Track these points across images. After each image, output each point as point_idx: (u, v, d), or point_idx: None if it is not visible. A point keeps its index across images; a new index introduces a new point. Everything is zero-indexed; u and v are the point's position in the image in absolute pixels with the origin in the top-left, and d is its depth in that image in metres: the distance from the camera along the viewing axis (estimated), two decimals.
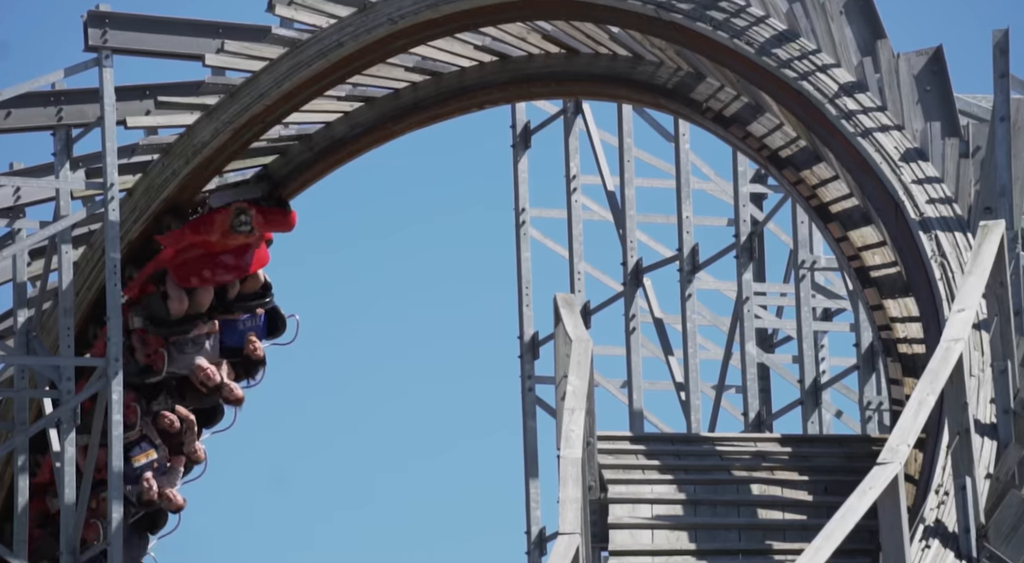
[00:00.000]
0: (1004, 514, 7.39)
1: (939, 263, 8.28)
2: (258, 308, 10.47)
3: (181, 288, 10.29)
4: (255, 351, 10.61)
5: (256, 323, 10.45)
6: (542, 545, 11.81)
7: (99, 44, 10.65)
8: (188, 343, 10.36)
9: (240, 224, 10.26)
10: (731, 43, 9.08)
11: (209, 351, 10.39)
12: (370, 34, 10.26)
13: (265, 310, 10.49)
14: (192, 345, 10.34)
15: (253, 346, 10.62)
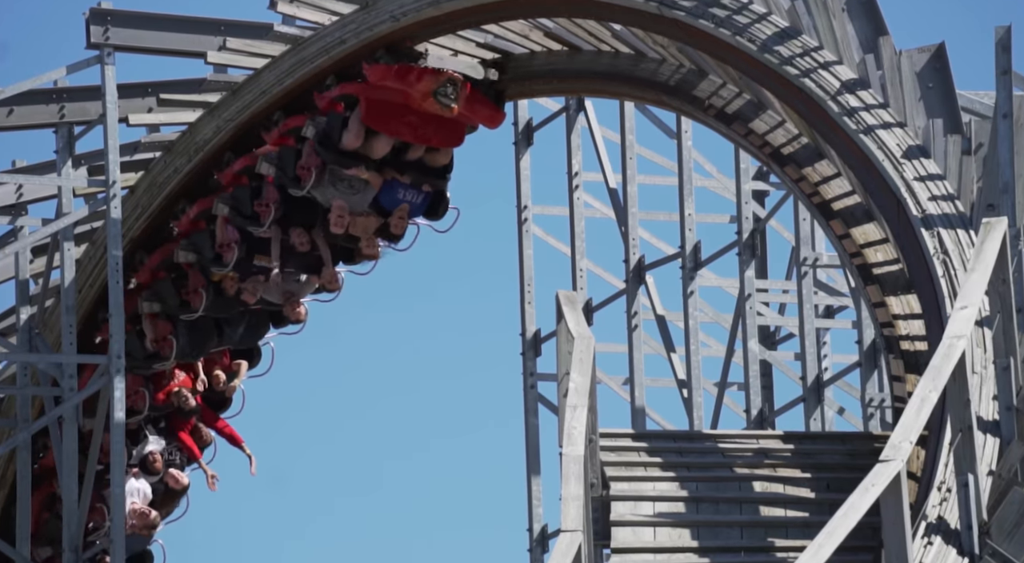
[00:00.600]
0: (1007, 511, 7.39)
1: (941, 260, 8.28)
2: (428, 185, 9.85)
3: (363, 125, 9.70)
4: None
5: (416, 198, 9.83)
6: (544, 542, 11.81)
7: (101, 41, 10.65)
8: (343, 180, 9.84)
9: (443, 94, 9.59)
10: (733, 40, 9.08)
11: (355, 200, 9.83)
12: (372, 31, 10.26)
13: (432, 190, 9.86)
14: (345, 184, 9.80)
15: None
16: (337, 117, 9.76)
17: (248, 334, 10.48)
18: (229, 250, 9.97)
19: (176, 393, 10.48)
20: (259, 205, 9.90)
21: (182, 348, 10.27)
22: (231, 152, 10.20)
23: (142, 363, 10.37)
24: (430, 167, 9.88)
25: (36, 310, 10.87)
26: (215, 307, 10.22)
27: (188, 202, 10.39)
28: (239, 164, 10.16)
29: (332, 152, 9.74)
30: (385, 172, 9.86)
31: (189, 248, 10.25)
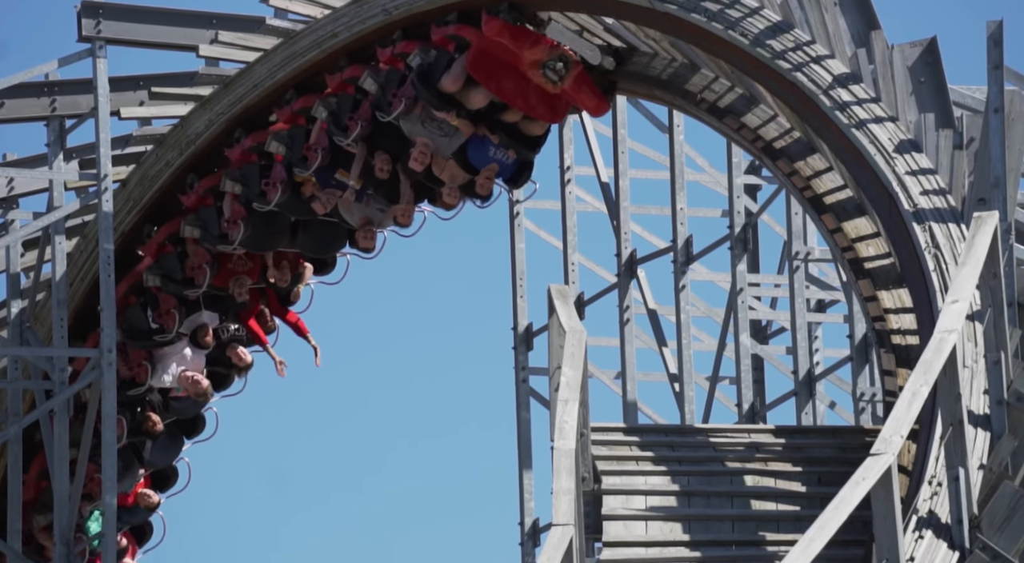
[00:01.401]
0: (997, 505, 7.40)
1: (933, 254, 8.28)
2: (515, 152, 9.54)
3: (465, 70, 9.38)
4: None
5: (506, 159, 9.51)
6: (536, 536, 11.81)
7: (93, 35, 10.63)
8: (433, 120, 9.59)
9: (551, 69, 9.25)
10: (725, 34, 9.07)
11: (442, 143, 9.53)
12: (365, 24, 10.24)
13: (519, 158, 9.56)
14: (434, 125, 9.56)
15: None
16: (445, 55, 9.44)
17: (322, 244, 10.18)
18: (314, 155, 9.77)
19: (236, 280, 10.27)
20: (351, 118, 9.68)
21: (249, 236, 10.00)
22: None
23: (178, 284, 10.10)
24: (523, 134, 9.57)
25: (27, 304, 10.86)
26: (288, 205, 9.96)
27: (296, 93, 10.05)
28: (349, 72, 9.88)
29: (429, 89, 9.44)
30: (478, 126, 9.55)
31: (281, 140, 10.01)
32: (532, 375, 12.00)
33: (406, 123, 9.61)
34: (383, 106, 9.63)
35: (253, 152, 10.18)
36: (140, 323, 10.37)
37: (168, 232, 10.47)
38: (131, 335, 10.38)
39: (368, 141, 9.77)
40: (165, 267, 10.36)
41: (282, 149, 9.93)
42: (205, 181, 10.37)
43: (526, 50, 9.31)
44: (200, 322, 10.37)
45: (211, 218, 10.22)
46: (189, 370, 10.37)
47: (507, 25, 9.38)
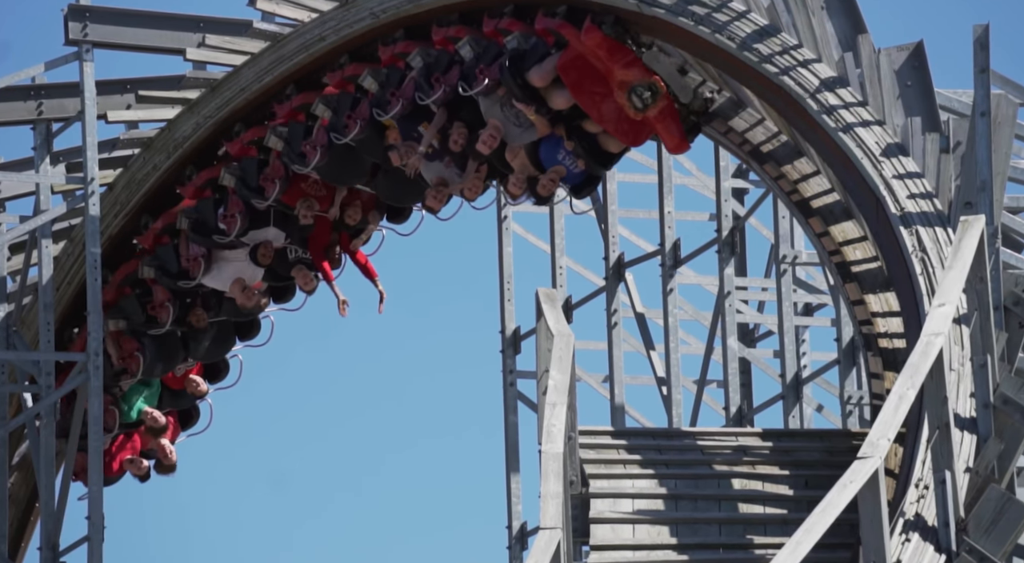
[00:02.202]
0: (984, 508, 7.42)
1: (920, 258, 8.30)
2: (585, 163, 9.32)
3: (556, 69, 9.16)
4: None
5: (574, 167, 9.33)
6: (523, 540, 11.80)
7: (79, 38, 10.62)
8: (512, 108, 9.30)
9: (638, 95, 9.04)
10: (713, 38, 9.09)
11: (514, 132, 9.34)
12: (352, 28, 10.25)
13: (588, 170, 9.36)
14: (512, 113, 9.29)
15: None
16: (542, 46, 9.25)
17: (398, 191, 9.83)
18: (395, 103, 9.57)
19: (304, 201, 10.04)
20: (436, 79, 9.47)
21: (326, 164, 9.66)
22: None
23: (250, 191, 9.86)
24: (599, 147, 9.39)
25: (13, 308, 10.84)
26: (366, 144, 9.72)
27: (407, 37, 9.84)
28: (454, 31, 9.68)
29: (516, 78, 9.23)
30: (555, 126, 9.37)
31: (377, 78, 9.76)
32: (520, 379, 12.00)
33: (485, 102, 9.41)
34: (470, 78, 9.40)
35: (349, 82, 9.90)
36: (208, 218, 10.14)
37: (256, 136, 10.17)
38: (194, 228, 10.14)
39: (449, 109, 9.54)
40: (243, 169, 10.09)
41: (375, 87, 9.69)
42: (300, 97, 10.07)
43: (619, 68, 9.13)
44: (264, 238, 10.04)
45: (297, 136, 9.92)
46: (242, 280, 10.11)
47: (607, 38, 9.16)
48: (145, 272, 10.36)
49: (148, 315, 10.30)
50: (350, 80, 10.10)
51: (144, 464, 10.66)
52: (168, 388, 10.54)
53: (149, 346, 10.33)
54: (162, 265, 10.29)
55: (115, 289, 10.49)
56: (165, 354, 10.34)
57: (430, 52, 9.70)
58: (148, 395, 10.47)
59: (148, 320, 10.32)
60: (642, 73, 9.18)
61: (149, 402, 10.53)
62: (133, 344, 10.35)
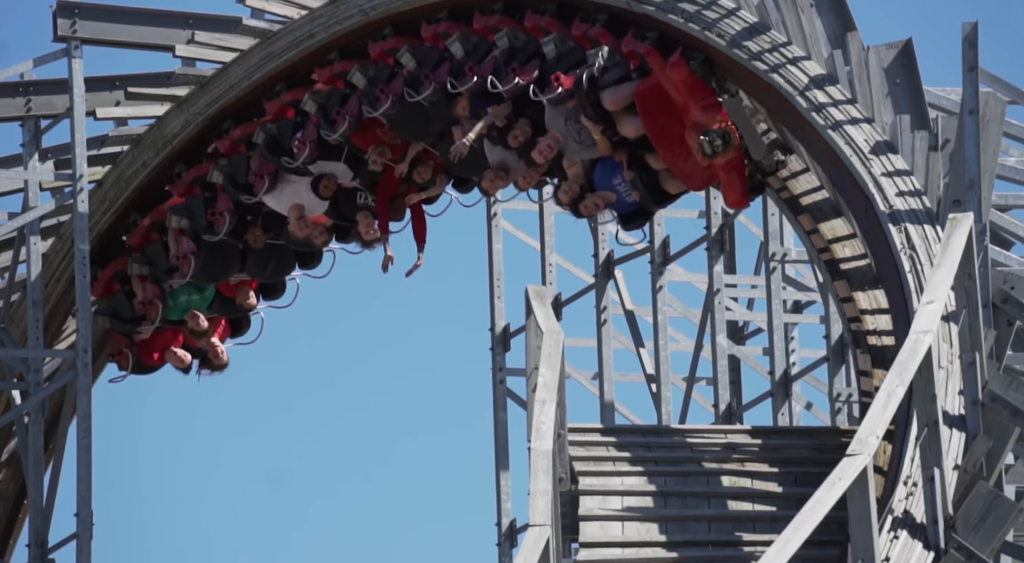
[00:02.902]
0: (972, 505, 7.43)
1: (908, 255, 8.31)
2: (640, 196, 9.06)
3: (631, 95, 8.90)
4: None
5: (627, 196, 9.08)
6: (512, 537, 11.81)
7: (68, 34, 10.61)
8: (577, 123, 9.07)
9: (709, 140, 8.70)
10: (702, 35, 9.09)
11: (574, 148, 9.15)
12: (342, 25, 10.24)
13: (641, 203, 9.09)
14: (575, 128, 9.05)
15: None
16: (622, 67, 9.01)
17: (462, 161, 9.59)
18: (470, 77, 9.39)
19: (377, 147, 9.86)
20: (513, 69, 9.24)
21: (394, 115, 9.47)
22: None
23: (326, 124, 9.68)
24: (657, 184, 9.10)
25: (2, 305, 10.82)
26: (437, 108, 9.53)
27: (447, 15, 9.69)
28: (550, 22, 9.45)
29: (591, 95, 8.98)
30: (616, 151, 9.14)
31: (459, 43, 9.58)
32: (509, 376, 12.00)
33: (551, 110, 9.20)
34: (544, 87, 9.11)
35: (440, 37, 9.76)
36: (282, 139, 10.02)
37: (343, 69, 9.99)
38: (267, 145, 10.03)
39: (516, 103, 9.26)
40: (325, 97, 9.93)
41: (460, 52, 9.51)
42: (393, 41, 9.85)
43: (696, 109, 8.82)
44: (330, 171, 9.89)
45: (381, 76, 9.73)
46: (300, 207, 9.95)
47: (692, 75, 8.86)
48: (214, 176, 10.22)
49: (209, 220, 10.16)
50: (339, 76, 10.06)
51: (187, 358, 10.51)
52: (220, 295, 10.41)
53: (205, 251, 10.18)
54: (231, 174, 10.14)
55: (185, 188, 10.34)
56: (219, 263, 10.18)
57: (519, 34, 9.44)
58: (198, 300, 10.33)
59: (208, 225, 10.18)
60: (719, 119, 8.85)
61: (198, 306, 10.37)
62: (190, 245, 10.20)
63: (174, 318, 10.44)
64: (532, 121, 9.31)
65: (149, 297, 10.31)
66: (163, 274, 10.30)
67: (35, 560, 10.37)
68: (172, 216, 10.30)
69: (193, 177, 10.47)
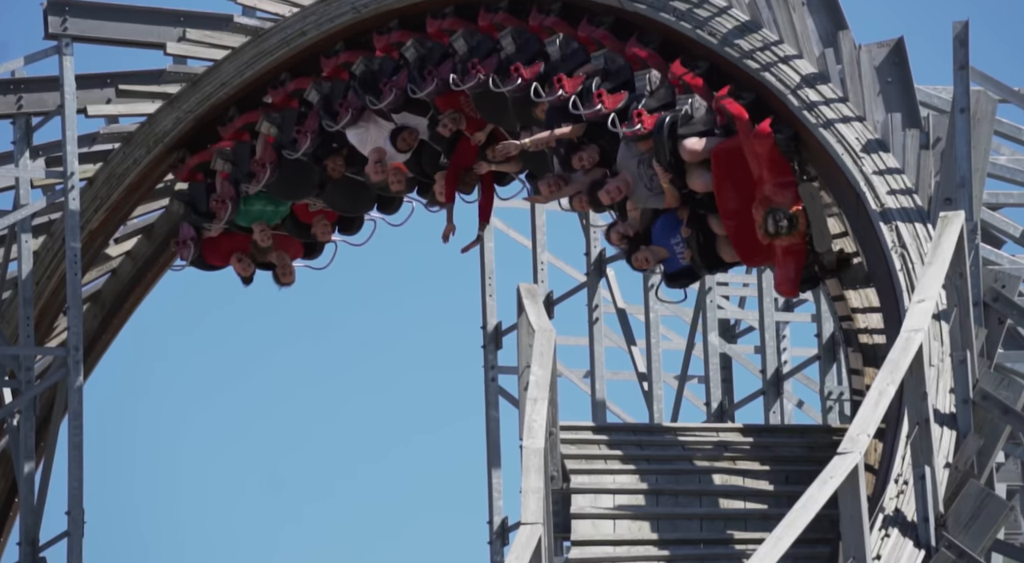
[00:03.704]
0: (963, 503, 7.44)
1: (900, 254, 8.32)
2: (691, 257, 8.71)
3: (709, 151, 8.56)
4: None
5: (679, 256, 8.77)
6: (504, 535, 11.81)
7: (59, 32, 10.59)
8: (649, 167, 8.77)
9: (774, 219, 8.33)
10: (694, 34, 9.09)
11: (642, 194, 8.81)
12: (333, 23, 10.23)
13: (691, 264, 8.76)
14: (647, 172, 8.75)
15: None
16: (709, 119, 8.70)
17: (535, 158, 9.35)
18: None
19: (452, 113, 9.68)
20: (598, 96, 8.88)
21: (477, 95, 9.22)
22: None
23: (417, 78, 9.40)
24: (713, 248, 8.75)
25: None
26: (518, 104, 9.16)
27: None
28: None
29: (667, 140, 8.66)
30: (683, 206, 8.77)
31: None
32: (501, 374, 11.99)
33: (625, 150, 8.93)
34: (627, 115, 8.81)
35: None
36: (380, 77, 9.63)
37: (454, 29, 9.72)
38: (363, 79, 9.70)
39: (591, 127, 8.97)
40: (423, 48, 9.66)
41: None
42: (505, 17, 9.62)
43: (770, 183, 8.40)
44: (413, 125, 9.67)
45: (484, 47, 9.51)
46: (382, 151, 9.72)
47: (776, 149, 8.48)
48: (311, 94, 9.98)
49: (294, 136, 9.93)
50: (344, 67, 9.92)
51: (251, 267, 10.30)
52: (295, 217, 10.19)
53: (285, 166, 9.94)
54: (328, 96, 9.91)
55: (285, 97, 10.14)
56: (295, 181, 9.94)
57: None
58: (271, 213, 10.11)
59: (292, 141, 9.94)
60: (791, 199, 8.42)
61: (269, 219, 10.16)
62: (273, 156, 9.96)
63: (243, 224, 10.17)
64: (602, 150, 9.01)
65: (224, 196, 10.03)
66: (243, 176, 10.03)
67: (26, 558, 10.36)
68: (264, 121, 10.07)
69: (295, 89, 10.10)
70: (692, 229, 8.83)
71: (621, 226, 9.13)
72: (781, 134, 8.61)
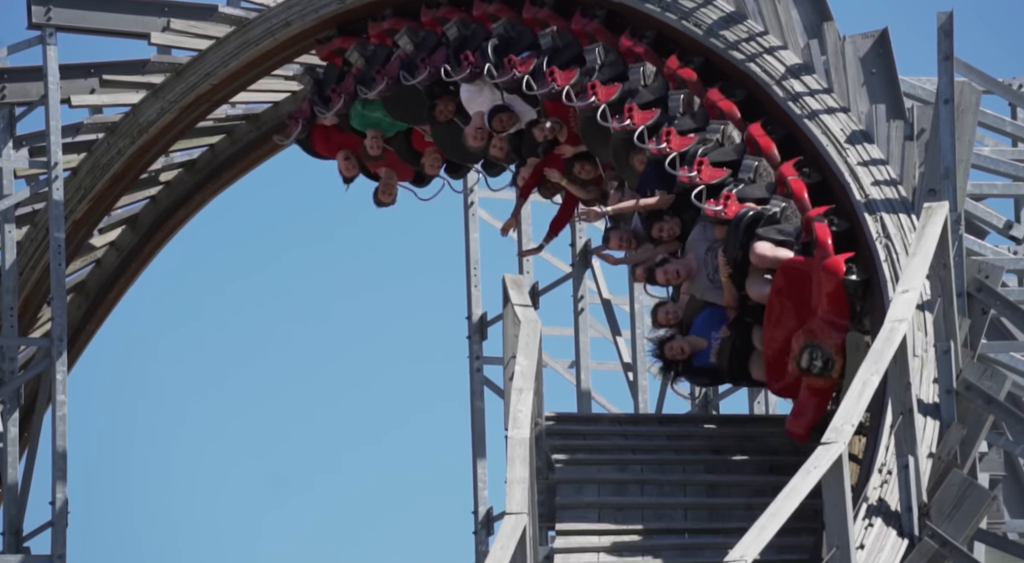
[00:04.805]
0: (946, 493, 7.47)
1: (884, 244, 8.33)
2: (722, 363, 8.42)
3: (777, 262, 8.08)
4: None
5: (710, 353, 8.39)
6: (489, 525, 11.82)
7: (43, 22, 10.57)
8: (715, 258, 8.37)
9: (812, 355, 7.83)
10: (679, 24, 9.10)
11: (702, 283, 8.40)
12: (318, 13, 10.22)
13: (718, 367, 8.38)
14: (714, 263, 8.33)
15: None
16: (798, 227, 8.16)
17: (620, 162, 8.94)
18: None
19: (556, 120, 9.33)
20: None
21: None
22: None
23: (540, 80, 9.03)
24: (745, 361, 8.26)
25: None
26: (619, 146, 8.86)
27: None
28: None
29: (743, 235, 8.17)
30: (737, 306, 8.32)
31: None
32: (486, 364, 12.00)
33: (699, 231, 8.52)
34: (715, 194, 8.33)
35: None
36: (511, 48, 9.31)
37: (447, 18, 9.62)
38: (497, 42, 9.31)
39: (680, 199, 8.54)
40: (561, 42, 9.29)
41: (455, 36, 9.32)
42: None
43: (822, 318, 7.82)
44: (518, 109, 9.36)
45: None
46: (481, 116, 9.45)
47: (842, 289, 7.91)
48: (450, 30, 9.60)
49: (417, 62, 9.61)
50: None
51: (356, 169, 10.02)
52: (409, 139, 9.91)
53: (402, 85, 9.60)
54: (462, 38, 9.54)
55: (432, 20, 9.77)
56: (406, 103, 9.64)
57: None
58: (387, 124, 9.85)
59: (414, 66, 9.60)
60: (836, 342, 7.85)
61: (386, 130, 9.87)
62: (395, 73, 9.65)
63: (356, 126, 9.93)
64: (684, 224, 8.62)
65: (344, 89, 9.78)
66: (366, 78, 9.79)
67: (10, 548, 10.35)
68: (404, 36, 9.78)
69: (446, 14, 9.73)
70: (732, 333, 8.33)
71: (672, 308, 8.63)
72: (853, 275, 8.07)
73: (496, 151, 9.67)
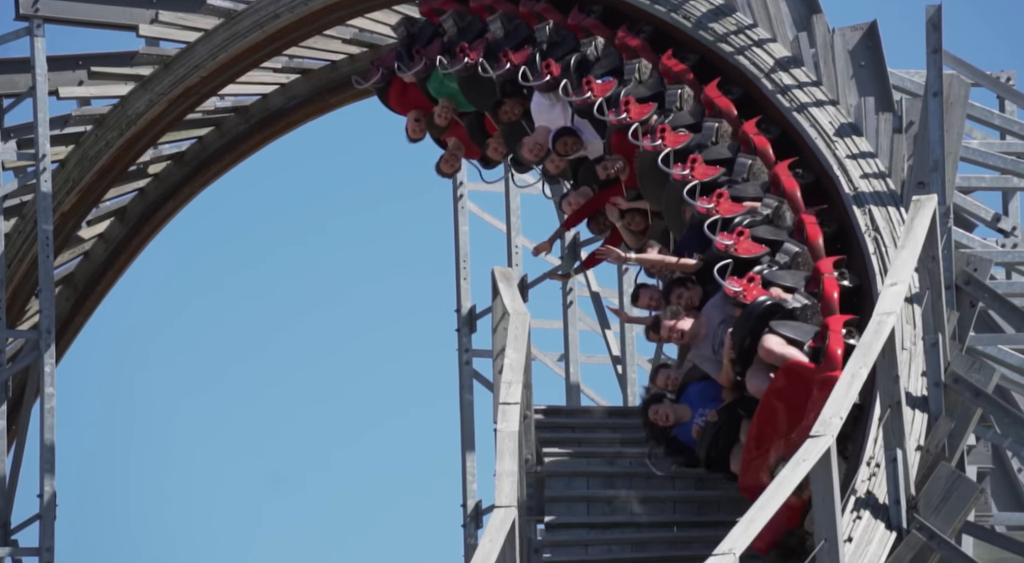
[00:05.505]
0: (934, 486, 7.48)
1: (872, 237, 8.34)
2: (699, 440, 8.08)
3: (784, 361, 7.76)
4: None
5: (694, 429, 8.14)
6: (478, 518, 11.82)
7: (30, 13, 10.54)
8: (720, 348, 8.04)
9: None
10: (668, 17, 9.10)
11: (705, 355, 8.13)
12: (307, 6, 10.21)
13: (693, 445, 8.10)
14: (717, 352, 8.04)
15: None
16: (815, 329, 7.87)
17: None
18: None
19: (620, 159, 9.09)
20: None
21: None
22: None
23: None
24: (727, 452, 7.94)
25: None
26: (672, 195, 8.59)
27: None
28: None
29: (755, 327, 7.81)
30: (733, 390, 7.98)
31: (452, 21, 9.44)
32: (476, 357, 12.00)
33: (717, 301, 8.16)
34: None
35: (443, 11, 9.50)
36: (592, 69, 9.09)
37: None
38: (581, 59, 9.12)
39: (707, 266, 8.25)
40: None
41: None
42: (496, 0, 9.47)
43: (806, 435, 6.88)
44: (585, 137, 9.16)
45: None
46: (548, 132, 9.27)
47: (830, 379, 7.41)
48: (540, 34, 9.38)
49: (498, 55, 9.37)
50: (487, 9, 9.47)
51: (422, 132, 9.79)
52: (481, 119, 9.70)
53: (480, 72, 9.36)
54: (550, 43, 9.26)
55: (529, 13, 9.54)
56: (478, 90, 9.47)
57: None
58: (459, 100, 9.65)
59: (495, 57, 9.36)
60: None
61: (459, 104, 9.67)
62: (479, 51, 9.43)
63: (432, 92, 9.72)
64: (705, 294, 8.32)
65: (426, 54, 9.58)
66: (451, 50, 9.59)
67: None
68: (497, 22, 9.56)
69: (493, 4, 9.58)
70: (720, 419, 7.95)
71: (673, 373, 8.36)
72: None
73: (552, 166, 9.50)
